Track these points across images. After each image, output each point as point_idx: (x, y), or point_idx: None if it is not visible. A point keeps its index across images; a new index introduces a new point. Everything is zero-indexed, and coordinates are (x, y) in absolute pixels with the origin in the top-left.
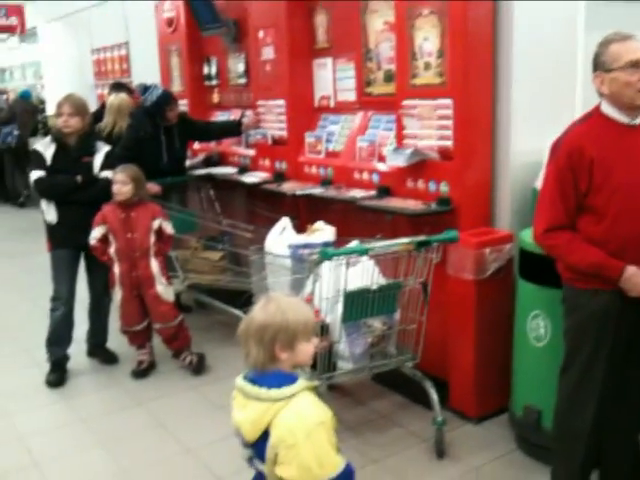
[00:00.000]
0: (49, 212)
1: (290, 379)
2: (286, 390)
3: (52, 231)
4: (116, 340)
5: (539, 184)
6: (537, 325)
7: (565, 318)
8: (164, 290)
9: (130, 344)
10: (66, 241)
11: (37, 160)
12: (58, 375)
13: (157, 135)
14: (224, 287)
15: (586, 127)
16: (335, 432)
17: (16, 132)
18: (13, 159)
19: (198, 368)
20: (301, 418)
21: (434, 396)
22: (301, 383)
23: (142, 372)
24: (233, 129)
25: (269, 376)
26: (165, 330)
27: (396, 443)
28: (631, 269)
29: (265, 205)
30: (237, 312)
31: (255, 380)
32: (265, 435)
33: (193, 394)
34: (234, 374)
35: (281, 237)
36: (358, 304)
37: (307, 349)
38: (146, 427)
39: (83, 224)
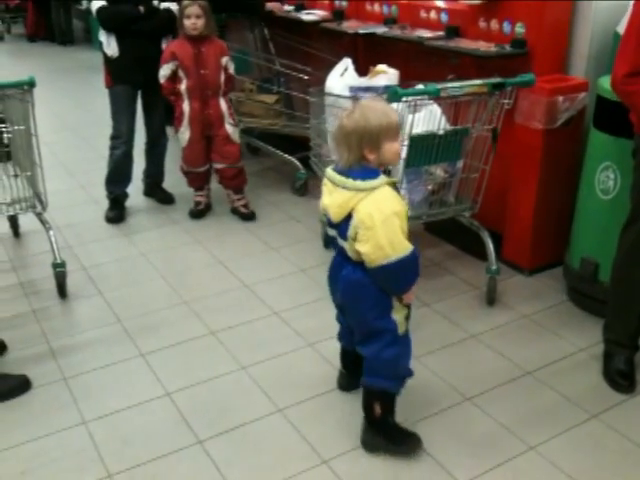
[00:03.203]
0: (109, 45)
1: (374, 174)
2: (369, 183)
3: (112, 65)
4: (171, 180)
5: (621, 28)
6: (606, 177)
7: (635, 170)
8: (232, 130)
9: (189, 185)
10: (126, 76)
11: None
12: (117, 212)
13: None
14: (278, 132)
15: None
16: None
17: None
18: None
19: (249, 215)
20: (379, 206)
21: (490, 245)
22: (382, 178)
23: (199, 212)
24: None
25: (356, 170)
26: (228, 170)
27: (448, 289)
28: None
29: (321, 46)
30: (291, 158)
31: (343, 172)
32: (348, 218)
33: (249, 236)
34: (286, 219)
35: (342, 79)
36: (423, 149)
37: (393, 148)
38: (205, 263)
39: (143, 59)
